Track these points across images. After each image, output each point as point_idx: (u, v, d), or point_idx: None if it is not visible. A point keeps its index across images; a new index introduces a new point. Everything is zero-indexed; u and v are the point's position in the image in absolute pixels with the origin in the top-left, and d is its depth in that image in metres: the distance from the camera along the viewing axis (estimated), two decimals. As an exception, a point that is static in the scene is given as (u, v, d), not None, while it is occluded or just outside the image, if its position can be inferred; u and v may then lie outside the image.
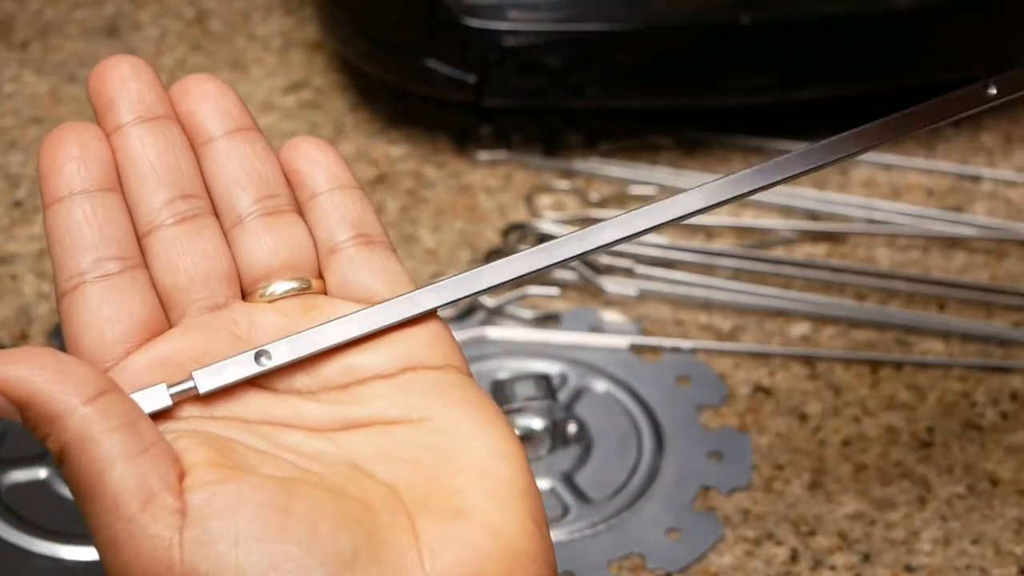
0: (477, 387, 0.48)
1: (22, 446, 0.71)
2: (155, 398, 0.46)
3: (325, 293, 0.50)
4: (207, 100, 0.51)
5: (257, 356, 0.47)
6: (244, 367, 0.47)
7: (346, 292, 0.49)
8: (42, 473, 0.70)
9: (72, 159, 0.48)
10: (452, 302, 0.49)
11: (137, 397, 0.45)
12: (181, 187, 0.49)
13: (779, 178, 0.52)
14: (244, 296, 0.49)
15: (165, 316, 0.48)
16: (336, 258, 0.50)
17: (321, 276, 0.50)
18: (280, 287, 0.49)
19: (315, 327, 0.48)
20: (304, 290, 0.49)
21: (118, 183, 0.49)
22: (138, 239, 0.49)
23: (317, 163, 0.51)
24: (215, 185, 0.50)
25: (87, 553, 0.67)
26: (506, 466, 0.45)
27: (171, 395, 0.46)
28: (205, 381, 0.46)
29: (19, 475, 0.70)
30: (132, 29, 0.97)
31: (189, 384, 0.46)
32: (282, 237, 0.50)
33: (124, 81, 0.50)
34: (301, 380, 0.47)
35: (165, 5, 0.99)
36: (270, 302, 0.49)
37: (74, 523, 0.68)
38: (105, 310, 0.47)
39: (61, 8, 0.99)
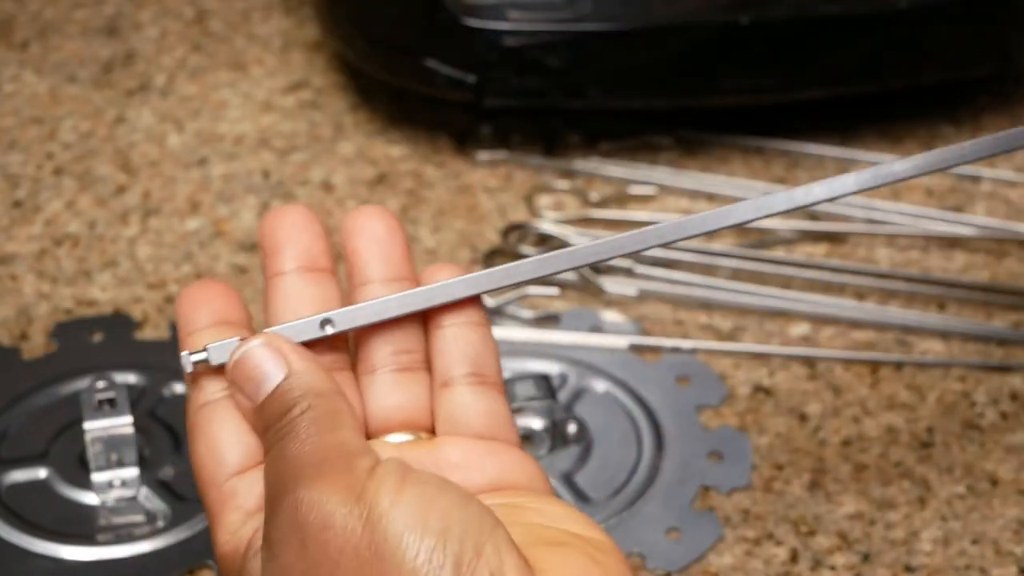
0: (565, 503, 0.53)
1: (22, 446, 0.71)
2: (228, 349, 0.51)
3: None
4: (374, 243, 0.54)
5: (322, 324, 0.52)
6: (309, 332, 0.52)
7: (451, 429, 0.53)
8: (42, 473, 0.70)
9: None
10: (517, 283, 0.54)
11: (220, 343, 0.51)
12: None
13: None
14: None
15: None
16: (448, 393, 0.54)
17: (432, 427, 0.54)
18: (397, 439, 0.53)
19: (375, 300, 0.53)
20: (417, 439, 0.54)
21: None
22: None
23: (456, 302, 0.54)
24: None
25: (87, 553, 0.67)
26: (598, 531, 0.50)
27: None
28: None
29: (19, 475, 0.70)
30: (132, 29, 0.97)
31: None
32: (408, 396, 0.54)
33: (296, 230, 0.54)
34: None
35: (165, 5, 0.99)
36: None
37: (74, 523, 0.69)
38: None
39: (61, 8, 0.99)
